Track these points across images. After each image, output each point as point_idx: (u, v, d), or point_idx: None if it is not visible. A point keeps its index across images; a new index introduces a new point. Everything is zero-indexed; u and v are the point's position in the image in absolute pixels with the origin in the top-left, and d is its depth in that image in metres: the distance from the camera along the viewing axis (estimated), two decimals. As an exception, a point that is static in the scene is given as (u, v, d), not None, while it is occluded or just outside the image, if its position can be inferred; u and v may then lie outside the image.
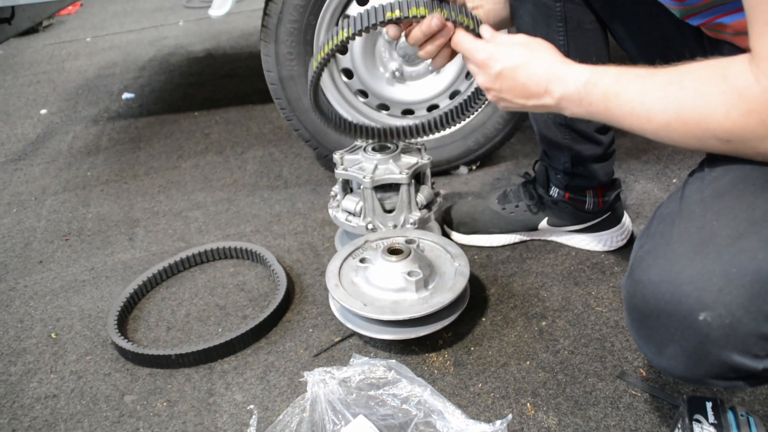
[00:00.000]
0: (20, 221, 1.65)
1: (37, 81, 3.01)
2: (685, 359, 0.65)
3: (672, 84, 0.69)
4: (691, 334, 0.63)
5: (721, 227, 0.63)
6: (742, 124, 0.63)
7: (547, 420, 0.89)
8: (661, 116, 0.69)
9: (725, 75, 0.65)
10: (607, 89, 0.75)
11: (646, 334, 0.69)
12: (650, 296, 0.66)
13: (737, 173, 0.67)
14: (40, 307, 1.27)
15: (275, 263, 1.26)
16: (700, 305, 0.61)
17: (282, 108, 1.56)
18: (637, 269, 0.69)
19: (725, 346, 0.61)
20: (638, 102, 0.72)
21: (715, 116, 0.65)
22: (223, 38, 3.44)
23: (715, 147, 0.68)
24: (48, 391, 1.04)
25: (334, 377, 0.94)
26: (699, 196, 0.68)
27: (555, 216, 1.26)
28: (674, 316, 0.64)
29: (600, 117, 0.78)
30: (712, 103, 0.65)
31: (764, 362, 0.62)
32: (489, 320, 1.11)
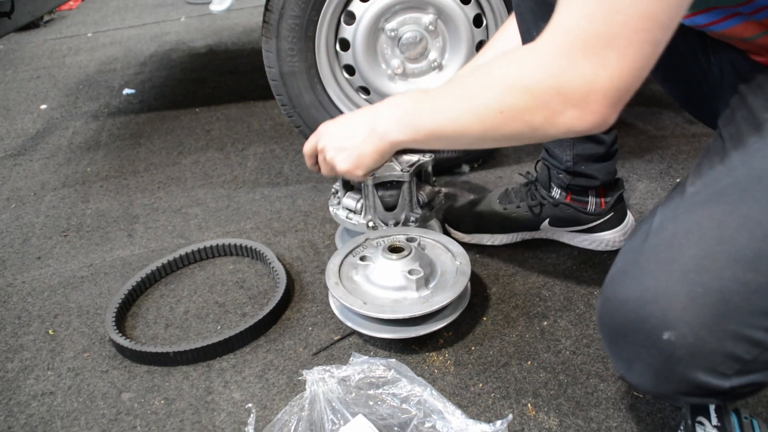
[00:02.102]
0: (19, 217, 1.64)
1: (37, 76, 3.00)
2: (653, 377, 0.66)
3: (466, 76, 0.79)
4: (656, 353, 0.63)
5: (689, 245, 0.63)
6: (511, 89, 0.70)
7: (548, 421, 0.89)
8: (457, 103, 0.79)
9: (509, 53, 0.73)
10: (418, 95, 0.87)
11: (616, 351, 0.69)
12: (617, 315, 0.66)
13: (713, 188, 0.68)
14: (38, 304, 1.26)
15: (275, 261, 1.26)
16: (664, 324, 0.61)
17: (283, 104, 1.55)
18: (608, 287, 0.69)
19: (690, 365, 0.62)
20: (441, 96, 0.83)
21: (495, 88, 0.72)
22: (225, 34, 3.43)
23: (499, 127, 0.74)
24: (45, 388, 1.04)
25: (333, 376, 0.93)
26: (673, 212, 0.69)
27: (557, 217, 1.25)
28: (640, 334, 0.64)
29: (410, 126, 0.88)
30: (493, 78, 0.73)
31: (731, 380, 0.62)
32: (490, 320, 1.10)
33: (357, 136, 0.98)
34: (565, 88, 0.65)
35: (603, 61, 0.61)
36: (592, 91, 0.63)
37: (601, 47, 0.61)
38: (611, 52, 0.61)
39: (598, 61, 0.62)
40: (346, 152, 1.00)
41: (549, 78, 0.66)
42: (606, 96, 0.63)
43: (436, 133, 0.84)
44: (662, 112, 1.86)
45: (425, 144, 0.89)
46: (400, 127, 0.90)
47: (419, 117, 0.86)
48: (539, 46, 0.67)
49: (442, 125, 0.82)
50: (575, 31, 0.62)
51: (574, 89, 0.64)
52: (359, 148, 0.98)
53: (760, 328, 0.60)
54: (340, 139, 1.01)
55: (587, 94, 0.64)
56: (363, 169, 1.01)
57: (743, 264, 0.60)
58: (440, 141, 0.86)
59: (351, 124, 1.01)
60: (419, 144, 0.89)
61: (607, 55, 0.61)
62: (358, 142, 0.98)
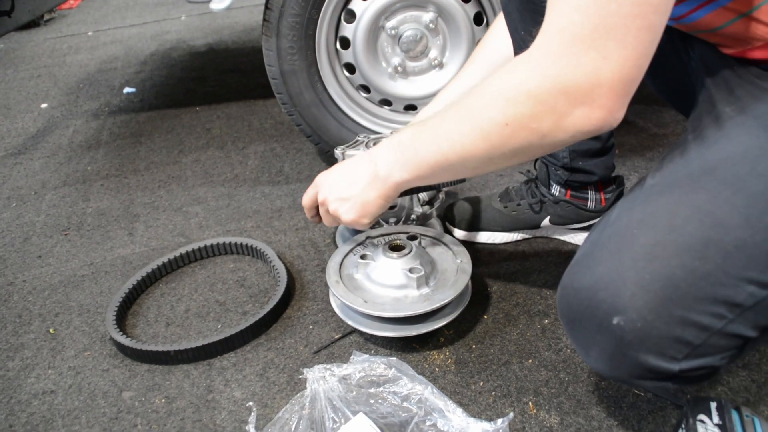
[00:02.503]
0: (20, 216, 1.64)
1: (37, 75, 3.00)
2: (607, 361, 0.68)
3: (461, 100, 0.77)
4: (607, 338, 0.65)
5: (641, 235, 0.65)
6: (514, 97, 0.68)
7: (549, 419, 0.88)
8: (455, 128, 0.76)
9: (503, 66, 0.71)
10: (413, 131, 0.84)
11: (575, 336, 0.72)
12: (573, 302, 0.69)
13: (669, 179, 0.70)
14: (39, 302, 1.26)
15: (276, 259, 1.26)
16: (614, 310, 0.64)
17: (284, 103, 1.55)
18: (565, 277, 0.72)
19: (640, 349, 0.64)
20: (437, 125, 0.79)
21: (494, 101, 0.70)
22: (226, 33, 3.43)
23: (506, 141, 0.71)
24: (46, 387, 1.04)
25: (334, 374, 0.93)
26: (630, 204, 0.71)
27: (557, 215, 1.25)
28: (593, 320, 0.66)
29: (411, 163, 0.84)
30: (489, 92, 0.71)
31: (681, 364, 0.64)
32: (491, 318, 1.10)
33: (358, 183, 0.93)
34: (569, 86, 0.63)
35: (603, 53, 0.60)
36: (597, 85, 0.62)
37: (598, 39, 0.60)
38: (610, 43, 0.60)
39: (598, 54, 0.60)
40: (350, 202, 0.95)
41: (551, 79, 0.64)
42: (611, 88, 0.62)
43: (441, 164, 0.80)
44: (663, 110, 1.86)
45: (431, 178, 0.85)
46: (402, 167, 0.85)
47: (421, 151, 0.82)
48: (534, 50, 0.66)
49: (446, 153, 0.78)
50: (570, 28, 0.61)
51: (578, 86, 0.63)
52: (362, 196, 0.93)
53: (707, 313, 0.62)
54: (341, 188, 0.96)
55: (592, 89, 0.62)
56: (368, 217, 0.95)
57: (691, 252, 0.62)
58: (446, 171, 0.82)
59: (350, 172, 0.96)
60: (425, 179, 0.85)
61: (606, 46, 0.60)
62: (360, 190, 0.93)
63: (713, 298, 0.62)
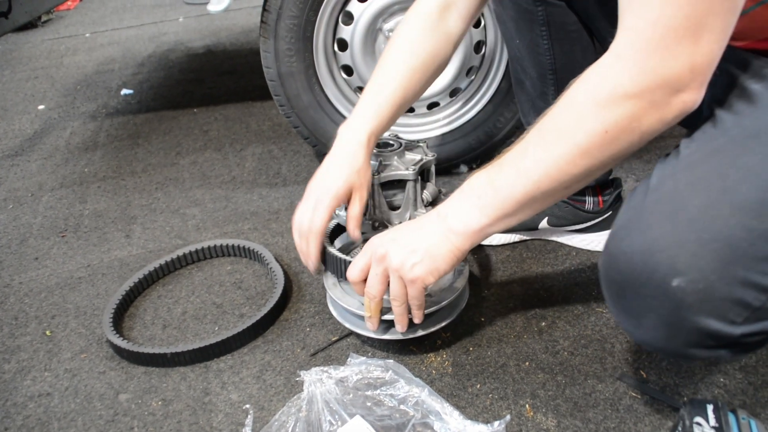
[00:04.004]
0: (16, 217, 1.64)
1: (35, 76, 3.00)
2: (664, 329, 0.66)
3: (544, 124, 0.73)
4: (666, 302, 0.64)
5: (693, 197, 0.65)
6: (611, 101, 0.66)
7: (546, 422, 0.88)
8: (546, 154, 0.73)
9: (586, 75, 0.69)
10: (488, 173, 0.78)
11: (624, 307, 0.70)
12: (625, 267, 0.67)
13: (709, 146, 0.69)
14: (35, 304, 1.26)
15: (273, 261, 1.25)
16: (674, 271, 0.62)
17: (281, 105, 1.55)
18: (611, 243, 0.69)
19: (700, 312, 0.62)
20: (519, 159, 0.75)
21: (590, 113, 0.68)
22: (223, 35, 3.43)
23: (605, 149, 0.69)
24: (42, 389, 1.03)
25: (331, 377, 0.93)
26: (671, 170, 0.70)
27: (555, 216, 1.25)
28: (649, 284, 0.64)
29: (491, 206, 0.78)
30: (580, 105, 0.69)
31: (741, 328, 0.63)
32: (488, 320, 1.10)
33: (428, 238, 0.83)
34: (668, 78, 0.63)
35: (695, 39, 0.61)
36: (693, 71, 0.63)
37: (690, 27, 0.61)
38: (701, 29, 0.61)
39: (691, 41, 0.61)
40: (418, 254, 0.83)
41: (649, 74, 0.64)
42: (703, 72, 0.64)
43: (531, 196, 0.75)
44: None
45: (515, 216, 0.78)
46: (480, 212, 0.79)
47: (503, 190, 0.76)
48: (624, 48, 0.65)
49: (538, 183, 0.73)
50: (663, 20, 0.61)
51: (677, 77, 0.63)
52: (433, 249, 0.83)
53: (767, 274, 0.61)
54: (408, 242, 0.85)
55: (690, 77, 0.63)
56: (437, 274, 0.84)
57: (748, 212, 0.62)
58: (535, 203, 0.76)
59: (416, 229, 0.86)
60: (507, 219, 0.79)
61: (697, 33, 0.61)
62: (430, 243, 0.83)
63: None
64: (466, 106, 1.58)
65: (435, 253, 0.83)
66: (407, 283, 0.86)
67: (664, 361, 0.96)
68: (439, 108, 1.59)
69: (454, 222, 0.81)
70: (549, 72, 1.10)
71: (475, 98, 1.57)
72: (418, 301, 0.89)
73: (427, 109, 1.60)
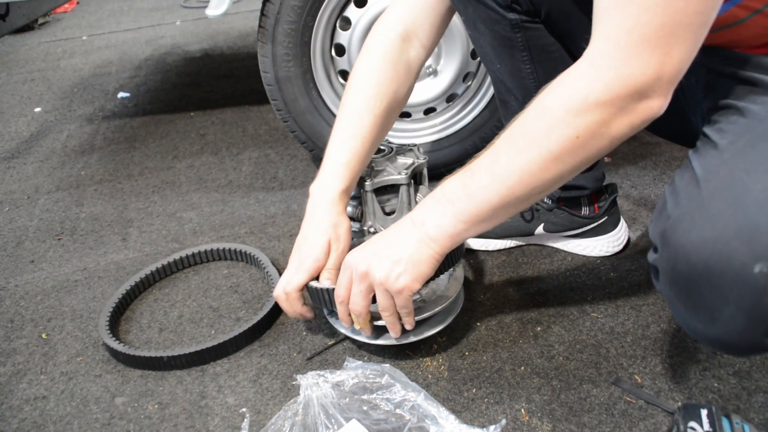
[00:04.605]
0: (12, 220, 1.63)
1: (31, 79, 3.00)
2: (743, 319, 0.64)
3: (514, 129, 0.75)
4: (747, 290, 0.61)
5: (755, 182, 0.63)
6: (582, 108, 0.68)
7: (542, 426, 0.89)
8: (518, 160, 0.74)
9: (559, 82, 0.71)
10: (461, 179, 0.80)
11: (695, 302, 0.67)
12: (696, 259, 0.64)
13: (753, 135, 0.68)
14: (31, 307, 1.26)
15: (269, 265, 1.26)
16: (753, 258, 0.60)
17: (278, 109, 1.55)
18: (673, 236, 0.67)
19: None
20: (493, 165, 0.76)
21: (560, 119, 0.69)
22: (221, 38, 3.43)
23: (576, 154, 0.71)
24: (37, 393, 1.03)
25: (327, 381, 0.93)
26: (718, 160, 0.68)
27: (551, 222, 1.25)
28: (727, 273, 0.62)
29: (466, 212, 0.80)
30: (552, 112, 0.70)
31: None
32: (484, 325, 1.10)
33: (407, 246, 0.84)
34: (639, 85, 0.65)
35: (666, 49, 0.63)
36: (660, 80, 0.65)
37: (664, 37, 0.63)
38: (674, 40, 0.63)
39: (663, 51, 0.63)
40: (401, 264, 0.84)
41: (621, 81, 0.66)
42: (671, 81, 0.66)
43: (506, 201, 0.77)
44: (655, 118, 1.87)
45: (490, 221, 0.81)
46: (455, 218, 0.81)
47: (478, 195, 0.78)
48: (598, 56, 0.67)
49: (512, 188, 0.75)
50: (638, 29, 0.63)
51: (646, 84, 0.65)
52: (415, 256, 0.84)
53: None
54: (388, 253, 0.86)
55: (657, 84, 0.65)
56: (421, 280, 0.86)
57: None
58: (509, 208, 0.78)
59: (393, 239, 0.87)
60: (482, 224, 0.81)
61: (670, 43, 0.63)
62: (412, 251, 0.84)
63: None
64: (462, 112, 1.58)
65: (417, 260, 0.85)
66: (394, 294, 0.87)
67: (659, 366, 0.97)
68: (436, 113, 1.60)
69: (431, 228, 0.83)
70: (534, 94, 1.09)
71: (471, 104, 1.57)
72: (407, 309, 0.91)
73: (423, 115, 1.60)
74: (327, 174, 1.02)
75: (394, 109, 1.07)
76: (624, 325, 1.06)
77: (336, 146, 1.03)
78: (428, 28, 1.05)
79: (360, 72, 1.05)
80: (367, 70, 1.05)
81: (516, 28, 1.01)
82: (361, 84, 1.04)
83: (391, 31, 1.04)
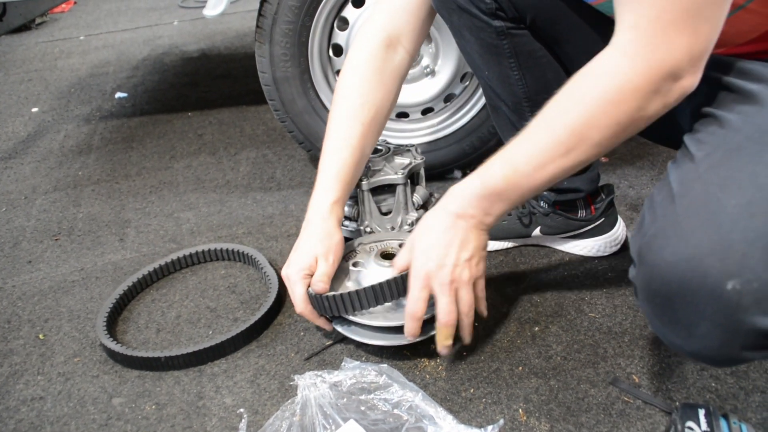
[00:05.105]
0: (9, 220, 1.63)
1: (29, 79, 2.99)
2: (718, 335, 0.64)
3: (552, 119, 0.78)
4: (721, 306, 0.62)
5: (728, 197, 0.64)
6: (622, 97, 0.71)
7: (539, 426, 0.89)
8: (559, 149, 0.77)
9: (592, 71, 0.74)
10: (503, 172, 0.83)
11: (672, 318, 0.68)
12: (671, 277, 0.65)
13: (728, 147, 0.69)
14: (28, 308, 1.26)
15: (267, 265, 1.26)
16: (726, 274, 0.61)
17: (276, 110, 1.55)
18: (648, 254, 0.68)
19: (757, 312, 0.61)
20: (534, 155, 0.80)
21: (600, 108, 0.72)
22: (218, 38, 3.43)
23: (616, 138, 0.75)
24: (35, 393, 1.03)
25: (325, 381, 0.93)
26: (693, 174, 0.69)
27: (547, 225, 1.25)
28: (701, 291, 0.63)
29: (514, 198, 0.85)
30: (591, 100, 0.73)
31: None
32: (481, 325, 1.10)
33: (467, 240, 0.88)
34: (672, 68, 0.68)
35: (693, 30, 0.66)
36: (692, 59, 0.68)
37: (690, 20, 0.66)
38: (699, 20, 0.66)
39: (690, 32, 0.66)
40: (474, 258, 0.90)
41: (654, 68, 0.68)
42: (701, 58, 0.69)
43: (547, 184, 0.82)
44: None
45: (526, 198, 0.88)
46: (505, 203, 0.86)
47: (523, 184, 0.82)
48: (628, 45, 0.69)
49: (554, 173, 0.79)
50: (663, 15, 0.66)
51: (678, 66, 0.68)
52: (479, 246, 0.90)
53: None
54: (454, 252, 0.88)
55: (690, 64, 0.68)
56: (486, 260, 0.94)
57: None
58: (546, 186, 0.83)
59: (445, 239, 0.89)
60: (521, 202, 0.89)
61: (696, 24, 0.66)
62: (475, 243, 0.89)
63: None
64: (460, 112, 1.59)
65: (483, 245, 0.91)
66: (476, 282, 0.92)
67: (657, 366, 0.97)
68: (434, 113, 1.60)
69: (478, 216, 0.88)
70: (524, 100, 1.09)
71: (469, 104, 1.57)
72: (481, 293, 0.95)
73: (421, 115, 1.60)
74: (318, 187, 1.05)
75: (382, 116, 1.09)
76: (622, 325, 1.07)
77: (326, 158, 1.06)
78: (410, 33, 1.07)
79: (346, 82, 1.07)
80: (353, 79, 1.07)
81: (502, 35, 1.02)
82: (348, 94, 1.07)
83: (374, 38, 1.06)
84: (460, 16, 1.02)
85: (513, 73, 1.06)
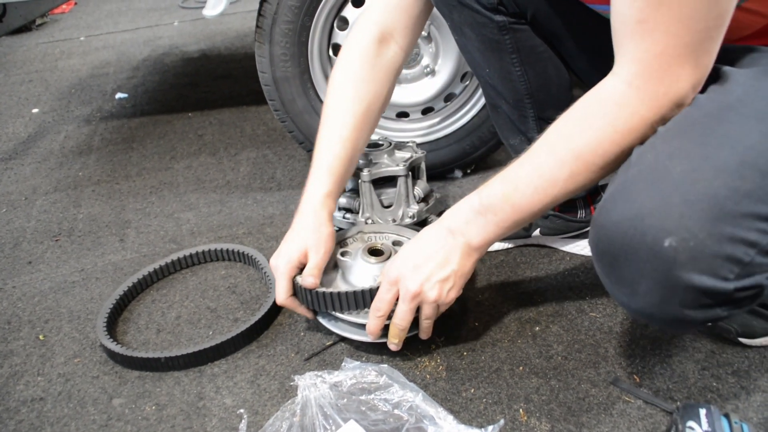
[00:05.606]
0: (10, 221, 1.63)
1: (29, 80, 2.99)
2: (658, 292, 0.68)
3: (556, 143, 0.79)
4: (659, 263, 0.66)
5: (676, 164, 0.67)
6: (630, 126, 0.73)
7: (540, 426, 0.89)
8: (562, 173, 0.78)
9: (598, 100, 0.76)
10: (503, 190, 0.83)
11: (617, 277, 0.72)
12: (615, 236, 0.69)
13: (685, 121, 0.72)
14: (29, 309, 1.26)
15: (267, 266, 1.25)
16: (664, 232, 0.65)
17: (276, 110, 1.55)
18: (599, 216, 0.72)
19: (693, 269, 0.64)
20: (536, 177, 0.81)
21: (607, 137, 0.74)
22: (218, 39, 3.43)
23: (618, 164, 0.76)
24: (35, 394, 1.03)
25: (325, 381, 0.93)
26: (649, 146, 0.73)
27: (547, 227, 1.25)
28: (641, 249, 0.66)
29: (509, 221, 0.84)
30: (599, 129, 0.75)
31: (733, 283, 0.65)
32: (482, 325, 1.10)
33: (451, 259, 0.89)
34: (678, 98, 0.72)
35: (696, 61, 0.70)
36: (695, 86, 0.72)
37: (692, 53, 0.69)
38: (701, 53, 0.70)
39: (693, 63, 0.70)
40: (450, 280, 0.89)
41: (660, 98, 0.71)
42: (702, 81, 0.73)
43: (547, 207, 0.82)
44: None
45: (525, 223, 0.87)
46: (499, 227, 0.85)
47: (523, 206, 0.82)
48: (634, 78, 0.72)
49: (556, 196, 0.80)
50: (668, 50, 0.69)
51: (684, 94, 0.72)
52: (461, 270, 0.90)
53: (753, 230, 0.64)
54: (435, 271, 0.89)
55: (693, 91, 0.72)
56: (463, 287, 0.93)
57: (730, 173, 0.65)
58: (547, 210, 0.84)
59: (433, 253, 0.89)
60: (520, 226, 0.87)
61: (698, 55, 0.70)
62: (456, 265, 0.89)
63: (758, 214, 0.64)
64: (460, 111, 1.58)
65: (464, 272, 0.90)
66: (441, 305, 0.93)
67: (658, 366, 0.97)
68: (434, 113, 1.60)
69: (473, 238, 0.87)
70: (525, 96, 1.10)
71: (469, 104, 1.57)
72: (436, 315, 0.96)
73: (421, 114, 1.60)
74: (311, 180, 1.06)
75: (375, 110, 1.09)
76: (623, 325, 1.06)
77: (319, 152, 1.07)
78: (403, 30, 1.07)
79: (338, 76, 1.08)
80: (345, 73, 1.08)
81: (504, 30, 1.02)
82: (340, 88, 1.07)
83: (368, 33, 1.07)
84: (460, 13, 1.02)
85: (515, 68, 1.06)
